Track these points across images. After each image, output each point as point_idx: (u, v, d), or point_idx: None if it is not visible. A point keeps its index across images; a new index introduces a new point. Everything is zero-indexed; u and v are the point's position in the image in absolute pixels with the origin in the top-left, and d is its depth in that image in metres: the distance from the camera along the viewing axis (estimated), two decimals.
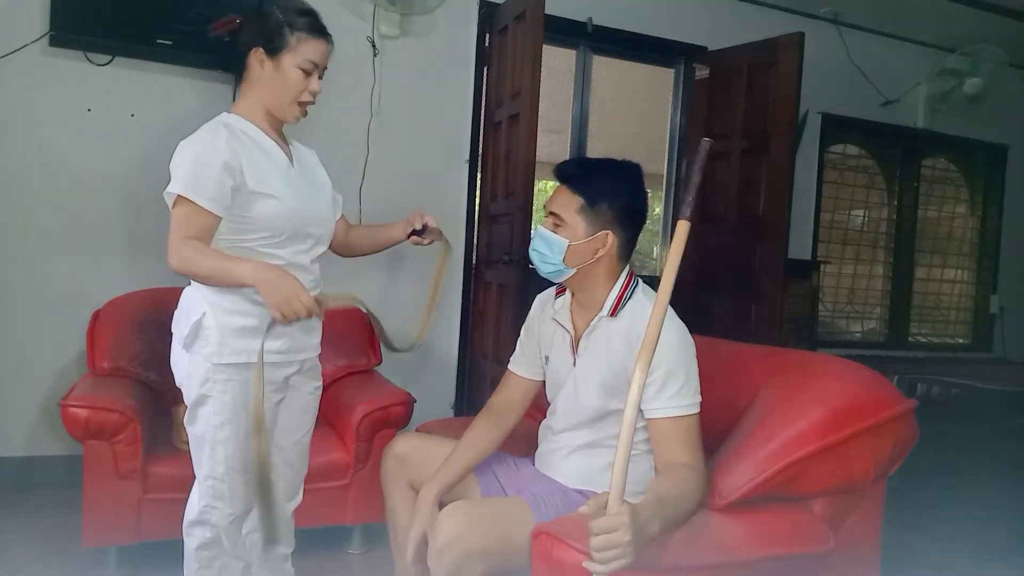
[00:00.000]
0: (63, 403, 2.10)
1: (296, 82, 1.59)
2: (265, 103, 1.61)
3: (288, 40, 1.56)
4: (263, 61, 1.58)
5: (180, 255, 1.51)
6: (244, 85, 1.63)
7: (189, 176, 1.50)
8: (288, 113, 1.62)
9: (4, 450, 2.86)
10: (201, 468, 1.64)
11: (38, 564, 2.24)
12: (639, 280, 1.61)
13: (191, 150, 1.53)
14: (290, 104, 1.61)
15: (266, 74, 1.58)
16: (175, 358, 1.66)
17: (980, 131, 5.03)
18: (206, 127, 1.58)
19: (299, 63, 1.58)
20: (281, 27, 1.56)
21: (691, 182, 1.22)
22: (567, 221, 1.54)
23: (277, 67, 1.58)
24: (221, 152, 1.51)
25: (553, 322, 1.67)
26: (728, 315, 3.75)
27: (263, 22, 1.58)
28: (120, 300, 2.64)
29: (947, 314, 5.40)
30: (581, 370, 1.59)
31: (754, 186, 3.70)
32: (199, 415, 1.61)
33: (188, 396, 1.63)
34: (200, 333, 1.57)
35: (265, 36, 1.57)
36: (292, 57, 1.57)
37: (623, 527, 1.11)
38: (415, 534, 1.58)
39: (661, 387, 1.42)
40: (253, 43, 1.58)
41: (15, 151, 2.82)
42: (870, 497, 1.58)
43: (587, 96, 3.97)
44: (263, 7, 1.60)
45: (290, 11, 1.59)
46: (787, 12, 4.18)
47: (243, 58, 1.60)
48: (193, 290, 1.63)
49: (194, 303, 1.61)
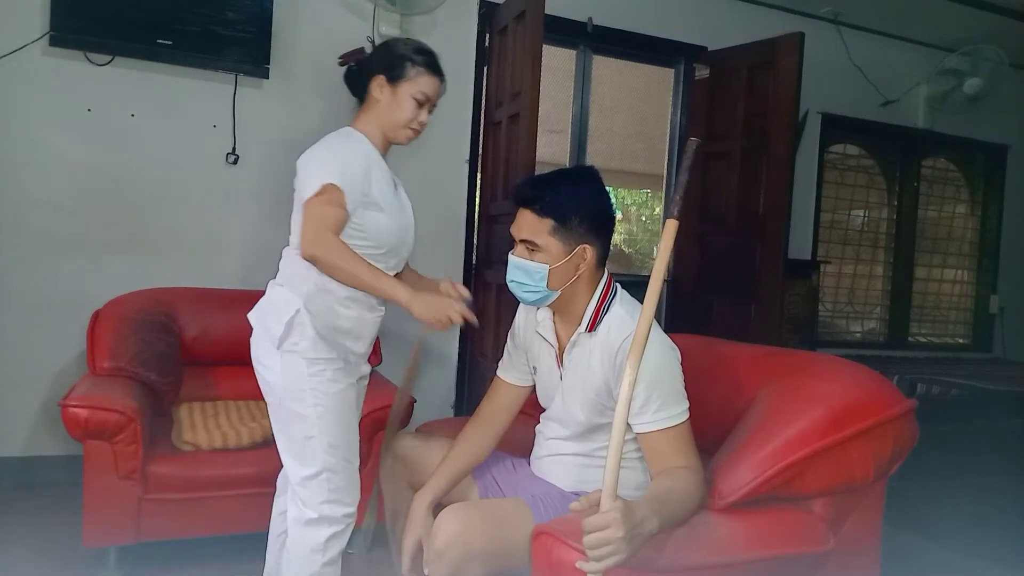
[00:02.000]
0: (63, 403, 2.10)
1: (409, 109, 1.76)
2: (381, 125, 1.77)
3: (408, 71, 1.75)
4: (383, 87, 1.75)
5: (327, 245, 1.60)
6: (364, 107, 1.80)
7: (338, 169, 1.63)
8: (400, 135, 1.79)
9: (4, 450, 2.86)
10: (312, 464, 1.67)
11: (38, 564, 2.24)
12: (617, 288, 1.58)
13: (336, 149, 1.68)
14: (402, 128, 1.77)
15: (384, 99, 1.76)
16: (263, 357, 1.71)
17: (980, 131, 5.03)
18: (336, 135, 1.73)
19: (414, 93, 1.75)
20: (403, 59, 1.76)
21: (680, 181, 1.21)
22: (541, 245, 1.50)
23: (395, 94, 1.75)
24: (364, 156, 1.70)
25: (537, 335, 1.65)
26: (728, 315, 3.74)
27: (388, 53, 1.78)
28: (120, 300, 2.64)
29: (947, 314, 5.40)
30: (567, 384, 1.58)
31: (754, 186, 3.70)
32: (300, 411, 1.66)
33: (281, 393, 1.68)
34: (294, 330, 1.65)
35: (388, 65, 1.76)
36: (409, 87, 1.75)
37: (615, 523, 1.11)
38: (409, 543, 1.58)
39: (645, 402, 1.41)
40: (376, 71, 1.76)
41: (15, 151, 2.82)
42: (870, 497, 1.58)
43: (587, 96, 3.97)
44: (392, 43, 1.82)
45: (412, 48, 1.79)
46: (787, 12, 4.17)
47: (366, 84, 1.78)
48: (285, 288, 1.71)
49: (287, 300, 1.68)
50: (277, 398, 1.70)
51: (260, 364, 1.72)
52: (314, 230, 1.60)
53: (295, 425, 1.67)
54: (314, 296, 1.67)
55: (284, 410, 1.69)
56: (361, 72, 1.80)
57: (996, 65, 4.54)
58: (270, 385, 1.71)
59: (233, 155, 3.10)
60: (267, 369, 1.70)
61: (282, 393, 1.68)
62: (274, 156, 3.17)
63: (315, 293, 1.67)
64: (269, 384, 1.71)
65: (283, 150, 3.18)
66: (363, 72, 1.80)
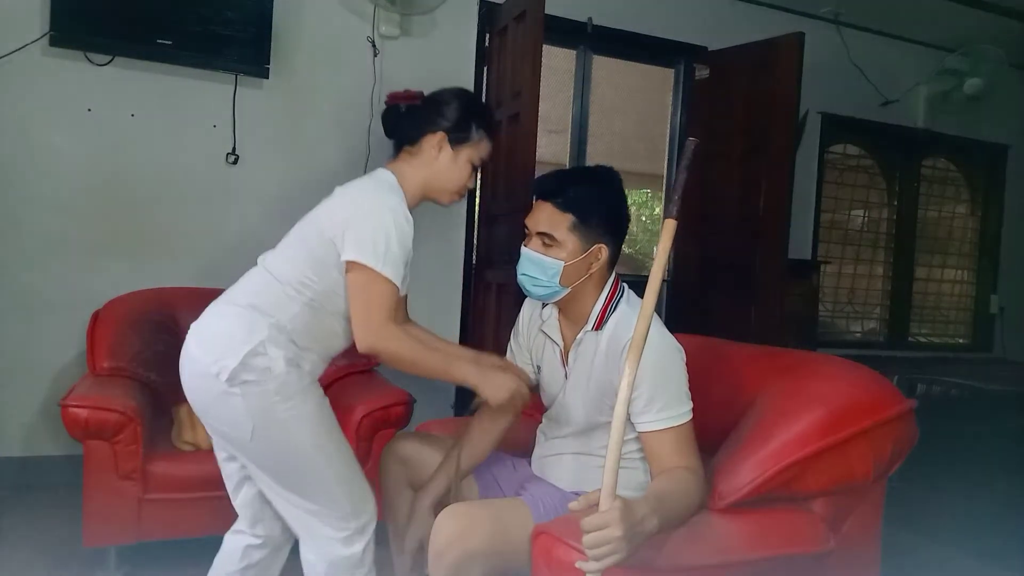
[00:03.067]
0: (63, 403, 2.10)
1: (466, 175, 1.65)
2: (429, 184, 1.63)
3: (472, 136, 1.62)
4: (442, 147, 1.61)
5: (391, 339, 1.48)
6: (409, 159, 1.63)
7: (388, 252, 1.48)
8: (447, 199, 1.67)
9: (4, 450, 2.86)
10: (327, 482, 1.53)
11: (38, 564, 2.24)
12: (625, 288, 1.58)
13: (385, 220, 1.50)
14: (453, 192, 1.66)
15: (442, 160, 1.61)
16: (210, 395, 1.48)
17: (980, 131, 5.04)
18: (385, 189, 1.55)
19: (473, 159, 1.64)
20: (470, 122, 1.62)
21: (678, 181, 1.21)
22: (559, 240, 1.48)
23: (455, 157, 1.62)
24: (409, 229, 1.54)
25: (542, 333, 1.65)
26: (728, 315, 3.74)
27: (452, 111, 1.62)
28: (120, 300, 2.64)
29: (947, 314, 5.40)
30: (571, 382, 1.58)
31: (754, 186, 3.70)
32: (290, 442, 1.49)
33: (250, 432, 1.46)
34: (256, 365, 1.45)
35: (453, 124, 1.61)
36: (470, 152, 1.63)
37: (614, 522, 1.10)
38: (411, 542, 1.58)
39: (648, 402, 1.41)
40: (437, 126, 1.60)
41: (15, 151, 2.82)
42: (870, 497, 1.58)
43: (587, 96, 3.97)
44: (453, 97, 1.64)
45: (477, 106, 1.67)
46: (787, 12, 4.18)
47: (418, 134, 1.61)
48: (251, 312, 1.50)
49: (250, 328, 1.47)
50: (246, 435, 1.47)
51: (209, 404, 1.50)
52: (368, 323, 1.47)
53: (284, 459, 1.50)
54: (301, 315, 1.51)
55: (260, 447, 1.48)
56: (413, 119, 1.63)
57: (996, 65, 4.54)
58: (232, 424, 1.48)
59: (233, 155, 3.10)
60: (224, 408, 1.48)
61: (252, 431, 1.46)
62: (274, 156, 3.17)
63: (303, 312, 1.51)
64: (230, 423, 1.49)
65: (283, 150, 3.19)
66: (415, 120, 1.62)
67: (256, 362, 1.45)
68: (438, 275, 3.49)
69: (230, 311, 1.54)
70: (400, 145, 1.66)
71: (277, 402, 1.47)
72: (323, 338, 1.58)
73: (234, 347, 1.45)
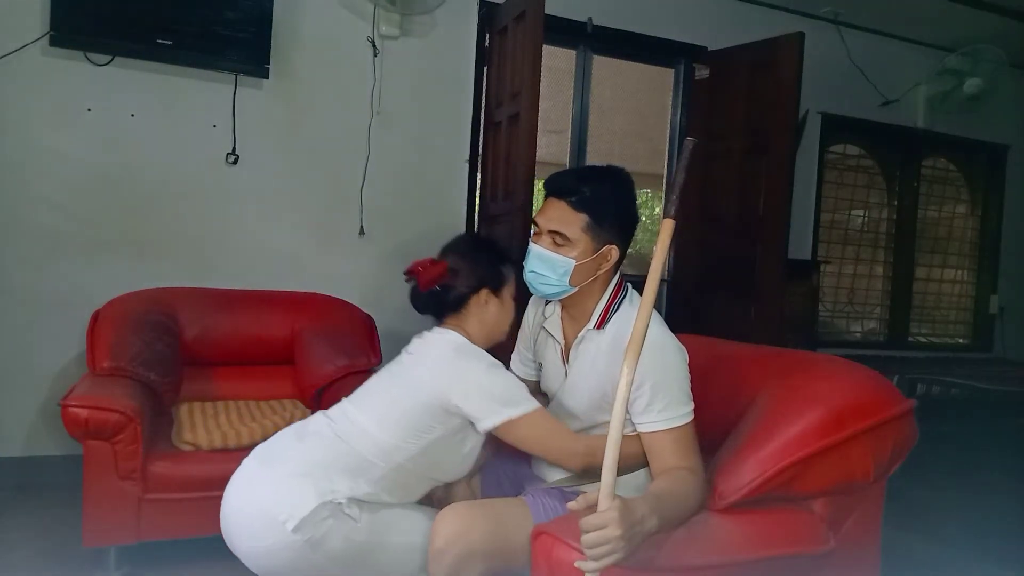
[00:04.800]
0: (63, 403, 2.09)
1: (513, 308, 1.69)
2: (491, 335, 1.67)
3: (506, 275, 1.68)
4: (489, 299, 1.65)
5: (580, 454, 1.50)
6: (460, 322, 1.65)
7: (516, 393, 1.51)
8: (507, 337, 1.72)
9: (4, 450, 2.86)
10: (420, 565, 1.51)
11: (38, 564, 2.24)
12: (628, 288, 1.58)
13: (492, 373, 1.53)
14: (509, 329, 1.71)
15: (491, 309, 1.65)
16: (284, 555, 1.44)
17: (980, 131, 5.03)
18: (471, 352, 1.56)
19: (513, 292, 1.69)
20: (497, 265, 1.67)
21: (676, 181, 1.21)
22: (572, 239, 1.47)
23: (502, 301, 1.67)
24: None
25: (544, 330, 1.66)
26: (728, 315, 3.74)
27: (483, 264, 1.65)
28: (120, 300, 2.64)
29: (947, 314, 5.40)
30: (571, 381, 1.58)
31: (754, 186, 3.70)
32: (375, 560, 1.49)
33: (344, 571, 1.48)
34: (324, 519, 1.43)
35: (490, 277, 1.65)
36: (510, 288, 1.69)
37: (613, 522, 1.11)
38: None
39: (649, 402, 1.41)
40: (479, 286, 1.63)
41: (15, 151, 2.82)
42: (870, 497, 1.58)
43: (587, 96, 3.97)
44: (471, 251, 1.68)
45: (491, 247, 1.73)
46: (787, 12, 4.18)
47: (461, 303, 1.63)
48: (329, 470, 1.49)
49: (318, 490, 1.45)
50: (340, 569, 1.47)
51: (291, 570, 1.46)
52: (565, 448, 1.50)
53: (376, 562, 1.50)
54: (389, 476, 1.52)
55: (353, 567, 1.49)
56: (451, 292, 1.62)
57: (996, 65, 4.54)
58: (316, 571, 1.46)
59: (233, 155, 3.10)
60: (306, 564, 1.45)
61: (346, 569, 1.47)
62: (274, 156, 3.17)
63: (391, 473, 1.52)
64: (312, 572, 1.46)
65: (283, 150, 3.19)
66: (456, 292, 1.63)
67: (328, 521, 1.44)
68: None
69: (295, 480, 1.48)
70: (442, 314, 1.66)
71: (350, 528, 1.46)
72: (408, 491, 1.58)
73: (306, 503, 1.43)
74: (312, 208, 3.26)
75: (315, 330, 2.79)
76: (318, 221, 3.27)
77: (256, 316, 2.82)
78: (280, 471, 1.49)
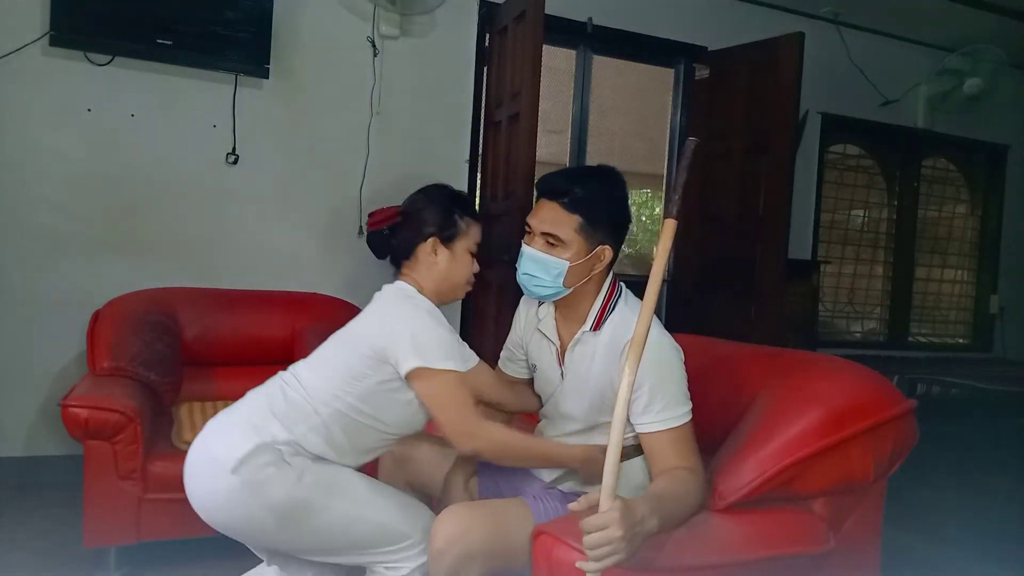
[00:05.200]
0: (63, 403, 2.09)
1: (468, 264, 1.64)
2: (439, 288, 1.62)
3: (460, 226, 1.62)
4: (437, 249, 1.60)
5: (479, 437, 1.46)
6: (411, 271, 1.62)
7: (443, 347, 1.47)
8: (461, 293, 1.66)
9: (4, 450, 2.86)
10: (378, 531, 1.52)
11: (38, 564, 2.24)
12: (622, 288, 1.58)
13: (423, 319, 1.50)
14: (464, 285, 1.65)
15: (441, 261, 1.61)
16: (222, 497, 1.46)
17: (980, 131, 5.03)
18: (410, 297, 1.55)
19: (469, 247, 1.63)
20: (452, 215, 1.61)
21: (678, 181, 1.21)
22: (565, 240, 1.46)
23: (453, 254, 1.61)
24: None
25: (538, 332, 1.65)
26: (728, 315, 3.74)
27: (433, 213, 1.61)
28: (120, 300, 2.63)
29: (947, 314, 5.40)
30: (568, 383, 1.58)
31: (754, 186, 3.70)
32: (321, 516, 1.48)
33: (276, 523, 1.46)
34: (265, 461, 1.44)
35: (439, 225, 1.60)
36: (464, 242, 1.63)
37: (614, 523, 1.11)
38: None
39: (648, 403, 1.41)
40: (425, 234, 1.60)
41: (15, 151, 2.82)
42: (870, 497, 1.58)
43: (587, 96, 3.97)
44: (427, 199, 1.64)
45: (453, 197, 1.65)
46: (787, 12, 4.18)
47: (410, 249, 1.61)
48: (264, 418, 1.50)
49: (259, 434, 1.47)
50: (273, 528, 1.47)
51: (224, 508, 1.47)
52: (457, 424, 1.46)
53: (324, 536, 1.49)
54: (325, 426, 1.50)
55: (292, 534, 1.48)
56: (398, 236, 1.63)
57: (996, 65, 4.54)
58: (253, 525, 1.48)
59: (233, 155, 3.10)
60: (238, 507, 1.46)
61: (277, 522, 1.46)
62: (274, 156, 3.17)
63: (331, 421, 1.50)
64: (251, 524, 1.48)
65: (283, 150, 3.19)
66: (402, 236, 1.62)
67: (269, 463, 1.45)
68: None
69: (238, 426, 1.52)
70: (396, 262, 1.66)
71: (293, 480, 1.45)
72: (351, 444, 1.55)
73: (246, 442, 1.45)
74: (312, 208, 3.26)
75: (315, 330, 2.79)
76: (318, 221, 3.27)
77: (256, 316, 2.82)
78: (226, 420, 1.55)
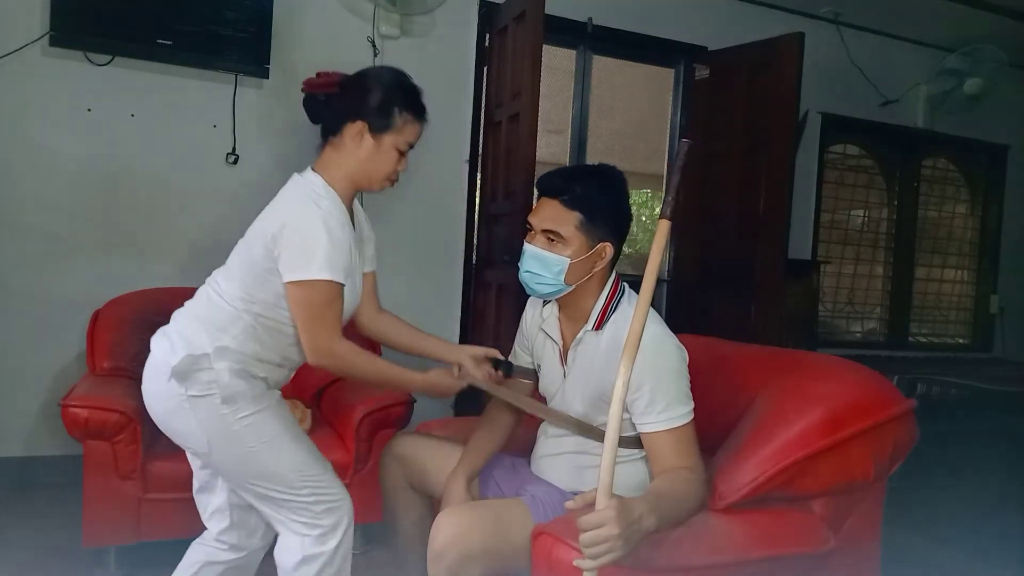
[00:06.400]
0: (63, 403, 2.10)
1: (392, 161, 1.56)
2: (355, 176, 1.56)
3: (395, 121, 1.53)
4: (363, 136, 1.53)
5: (336, 355, 1.48)
6: (333, 151, 1.56)
7: (322, 259, 1.43)
8: (376, 186, 1.59)
9: (4, 450, 2.86)
10: (292, 486, 1.53)
11: (38, 564, 2.24)
12: (625, 287, 1.58)
13: (314, 231, 1.44)
14: (382, 180, 1.58)
15: (363, 150, 1.53)
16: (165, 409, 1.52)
17: (980, 131, 5.03)
18: (311, 198, 1.48)
19: (398, 144, 1.55)
20: (391, 107, 1.53)
21: (672, 182, 1.22)
22: (566, 237, 1.48)
23: (378, 146, 1.54)
24: (343, 233, 1.49)
25: (542, 332, 1.65)
26: (728, 315, 3.74)
27: (372, 97, 1.53)
28: (120, 300, 2.63)
29: (947, 314, 5.40)
30: (570, 382, 1.58)
31: (754, 186, 3.70)
32: (247, 451, 1.50)
33: (207, 443, 1.50)
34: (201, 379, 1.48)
35: (372, 112, 1.52)
36: (395, 138, 1.54)
37: (610, 521, 1.11)
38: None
39: (650, 403, 1.41)
40: (357, 115, 1.52)
41: (15, 151, 2.82)
42: (870, 497, 1.58)
43: (587, 96, 3.97)
44: (372, 80, 1.57)
45: (399, 88, 1.56)
46: (787, 12, 4.18)
47: (338, 123, 1.54)
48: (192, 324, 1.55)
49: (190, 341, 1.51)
50: (205, 448, 1.51)
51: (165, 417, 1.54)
52: (313, 338, 1.46)
53: (244, 468, 1.52)
54: (248, 330, 1.52)
55: (221, 458, 1.52)
56: (332, 107, 1.56)
57: (996, 65, 4.54)
58: (188, 437, 1.52)
59: (233, 155, 3.10)
60: (178, 421, 1.51)
61: (208, 443, 1.49)
62: (274, 156, 3.17)
63: (250, 327, 1.52)
64: (187, 436, 1.53)
65: (283, 150, 3.19)
66: (334, 108, 1.56)
67: (202, 376, 1.47)
68: (438, 275, 3.48)
69: (175, 329, 1.58)
70: (325, 134, 1.58)
71: (227, 414, 1.48)
72: (277, 349, 1.56)
73: (176, 352, 1.50)
74: None
75: None
76: None
77: None
78: (165, 328, 1.62)
